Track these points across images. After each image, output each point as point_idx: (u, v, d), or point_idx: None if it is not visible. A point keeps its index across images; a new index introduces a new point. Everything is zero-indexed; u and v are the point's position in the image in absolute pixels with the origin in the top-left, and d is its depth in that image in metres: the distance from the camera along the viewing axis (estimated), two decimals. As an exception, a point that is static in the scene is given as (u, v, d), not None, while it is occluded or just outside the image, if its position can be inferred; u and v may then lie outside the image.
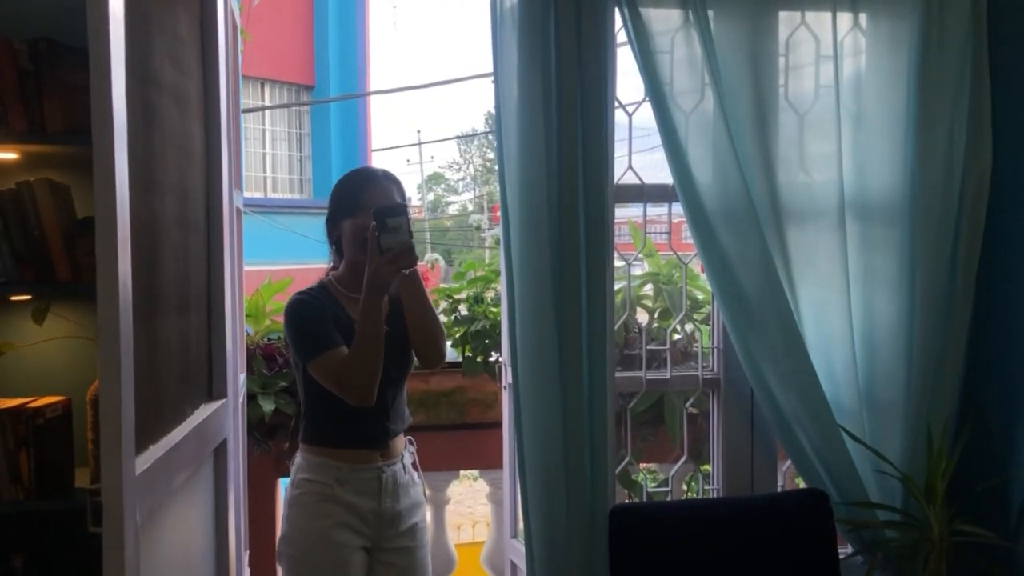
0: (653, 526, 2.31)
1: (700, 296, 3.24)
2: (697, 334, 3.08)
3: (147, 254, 1.73)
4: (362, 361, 2.09)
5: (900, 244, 2.44)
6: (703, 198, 2.38)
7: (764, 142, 2.42)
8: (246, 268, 2.83)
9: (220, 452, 2.29)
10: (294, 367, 2.28)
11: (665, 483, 2.93)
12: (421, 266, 2.28)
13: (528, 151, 2.31)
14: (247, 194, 11.68)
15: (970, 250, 2.45)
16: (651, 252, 3.26)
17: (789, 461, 2.62)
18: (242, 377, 2.75)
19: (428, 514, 2.53)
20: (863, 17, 2.50)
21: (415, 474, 2.35)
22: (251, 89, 12.39)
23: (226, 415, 2.30)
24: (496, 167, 2.38)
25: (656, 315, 3.27)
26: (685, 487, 3.07)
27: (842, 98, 2.45)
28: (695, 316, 3.16)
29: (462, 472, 4.34)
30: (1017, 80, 2.38)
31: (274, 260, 9.52)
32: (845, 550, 2.49)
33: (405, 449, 2.32)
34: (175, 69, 1.97)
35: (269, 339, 3.17)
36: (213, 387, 2.27)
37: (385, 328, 2.13)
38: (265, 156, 12.88)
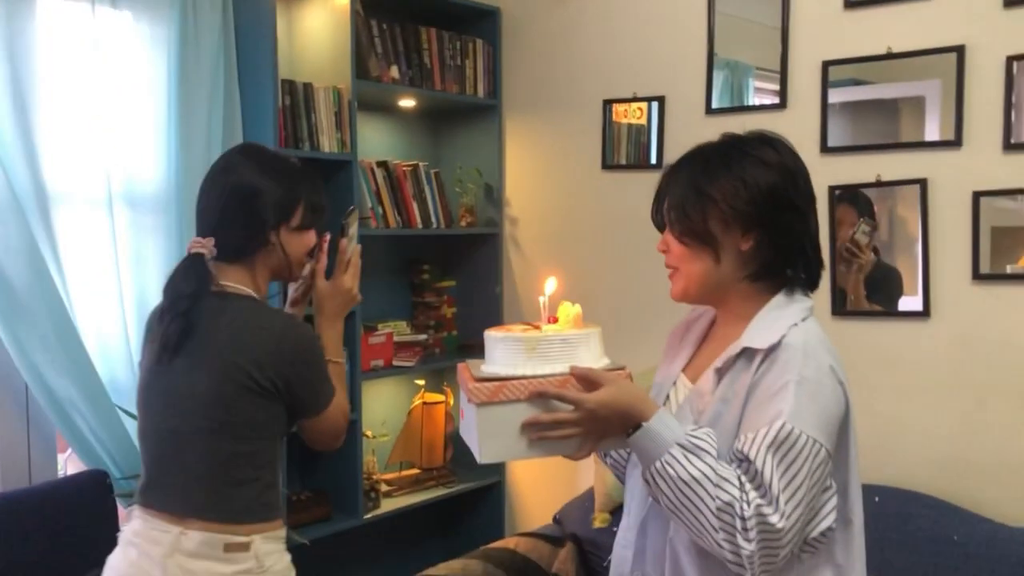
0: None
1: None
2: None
3: None
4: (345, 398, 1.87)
5: (168, 230, 2.64)
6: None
7: (27, 131, 2.38)
8: None
9: None
10: (241, 420, 1.69)
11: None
12: None
13: None
14: None
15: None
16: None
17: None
18: None
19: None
20: (128, 15, 2.62)
21: None
22: None
23: None
24: None
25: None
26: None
27: (108, 91, 2.54)
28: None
29: None
30: (255, 80, 2.75)
31: None
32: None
33: None
34: None
35: None
36: None
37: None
38: None
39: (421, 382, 3.32)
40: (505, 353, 1.39)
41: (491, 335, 1.42)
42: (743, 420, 1.35)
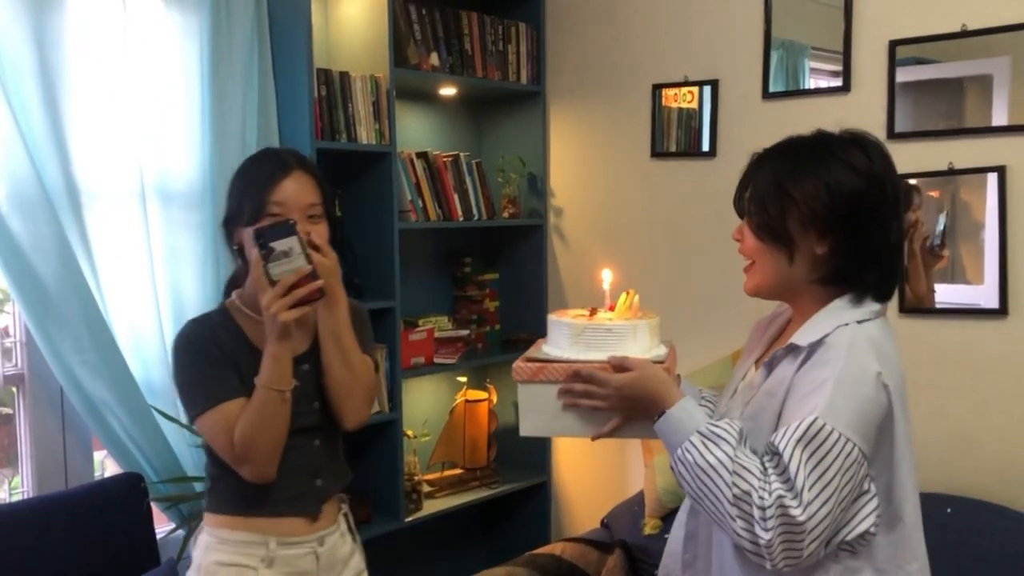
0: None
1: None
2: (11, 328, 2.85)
3: None
4: (260, 424, 1.60)
5: (203, 225, 2.57)
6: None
7: (57, 125, 2.31)
8: None
9: None
10: None
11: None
12: None
13: None
14: None
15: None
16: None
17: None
18: None
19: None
20: (159, 3, 2.54)
21: (353, 538, 1.86)
22: None
23: None
24: None
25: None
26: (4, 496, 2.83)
27: (139, 83, 2.47)
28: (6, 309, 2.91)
29: None
30: (290, 70, 2.65)
31: None
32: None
33: (340, 512, 1.83)
34: None
35: None
36: None
37: (295, 383, 1.63)
38: None
39: (463, 379, 3.22)
40: (556, 336, 1.52)
41: (550, 317, 1.55)
42: (782, 415, 1.35)
